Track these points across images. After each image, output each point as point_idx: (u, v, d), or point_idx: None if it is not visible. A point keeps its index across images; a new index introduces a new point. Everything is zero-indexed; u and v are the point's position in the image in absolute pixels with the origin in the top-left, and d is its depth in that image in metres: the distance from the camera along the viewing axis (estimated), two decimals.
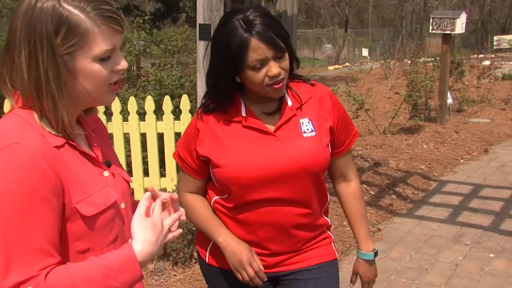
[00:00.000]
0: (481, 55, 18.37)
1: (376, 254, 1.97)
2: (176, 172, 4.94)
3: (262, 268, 1.75)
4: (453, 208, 5.37)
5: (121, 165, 1.43)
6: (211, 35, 1.80)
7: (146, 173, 5.29)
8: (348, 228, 4.48)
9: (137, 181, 5.26)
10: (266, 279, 1.76)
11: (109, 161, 1.34)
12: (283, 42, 1.64)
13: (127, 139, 5.27)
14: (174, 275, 3.80)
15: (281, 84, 1.68)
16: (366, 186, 5.78)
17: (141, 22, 6.36)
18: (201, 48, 3.99)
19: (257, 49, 1.61)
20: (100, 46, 1.18)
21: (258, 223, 1.77)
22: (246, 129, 1.74)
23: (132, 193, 1.44)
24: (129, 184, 1.42)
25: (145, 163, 5.27)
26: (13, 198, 1.09)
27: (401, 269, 4.07)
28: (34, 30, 1.14)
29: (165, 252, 3.87)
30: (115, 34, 1.21)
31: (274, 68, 1.63)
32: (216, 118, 1.76)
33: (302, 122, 1.76)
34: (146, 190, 1.34)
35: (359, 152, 7.07)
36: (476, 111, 10.25)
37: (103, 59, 1.20)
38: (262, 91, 1.69)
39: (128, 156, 5.32)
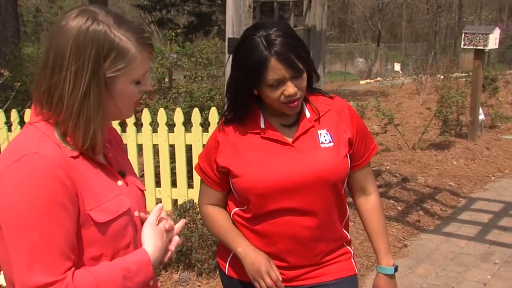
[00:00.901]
0: None
1: (396, 269, 1.96)
2: None
3: (280, 278, 1.76)
4: (482, 225, 5.29)
5: (135, 174, 1.50)
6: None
7: (174, 184, 5.36)
8: None
9: (165, 191, 5.35)
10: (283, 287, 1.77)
11: (123, 171, 1.41)
12: (302, 63, 1.68)
13: (156, 150, 5.36)
14: (199, 286, 3.84)
15: (296, 103, 1.72)
16: (393, 201, 5.74)
17: (174, 35, 6.48)
18: (230, 61, 4.05)
19: (276, 69, 1.64)
20: (140, 71, 1.29)
21: (277, 234, 1.79)
22: (264, 140, 1.77)
23: (160, 202, 1.55)
24: (143, 193, 1.48)
25: (173, 174, 5.35)
26: (33, 204, 1.16)
27: (426, 286, 4.03)
28: (85, 51, 1.22)
29: (190, 263, 3.92)
30: (149, 59, 1.32)
31: (290, 88, 1.67)
32: (236, 130, 1.81)
33: (320, 134, 1.79)
34: (160, 201, 1.43)
35: (387, 167, 7.03)
36: (509, 127, 10.06)
37: (137, 82, 1.30)
38: (277, 107, 1.74)
39: (157, 167, 5.41)
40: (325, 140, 1.78)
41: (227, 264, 1.95)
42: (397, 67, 20.80)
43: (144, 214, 1.45)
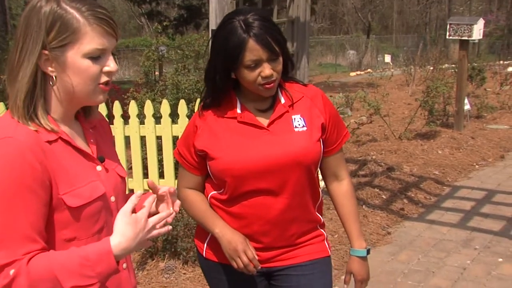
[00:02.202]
0: (506, 62, 18.18)
1: (368, 251, 2.02)
2: None
3: (256, 256, 1.83)
4: (464, 213, 5.40)
5: (118, 160, 1.54)
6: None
7: (162, 175, 5.42)
8: None
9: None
10: (260, 267, 1.84)
11: (103, 157, 1.44)
12: (278, 46, 1.76)
13: (143, 142, 5.41)
14: (184, 273, 3.91)
15: (272, 84, 1.79)
16: (378, 190, 5.84)
17: (159, 28, 6.52)
18: None
19: (253, 50, 1.73)
20: (91, 44, 1.30)
21: (251, 216, 1.86)
22: (241, 124, 1.85)
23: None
24: (123, 179, 1.51)
25: (161, 165, 5.40)
26: (1, 186, 1.21)
27: (408, 272, 4.12)
28: (31, 24, 1.27)
29: (176, 251, 4.00)
30: (106, 35, 1.32)
31: (267, 70, 1.75)
32: (214, 115, 1.88)
33: (294, 118, 1.86)
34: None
35: (373, 157, 7.12)
36: (495, 117, 10.20)
37: (93, 58, 1.31)
38: (254, 90, 1.81)
39: (144, 158, 5.46)
40: (299, 125, 1.85)
41: (205, 246, 2.01)
42: (388, 58, 20.89)
43: (122, 200, 1.48)
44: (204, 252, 2.01)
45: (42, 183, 1.26)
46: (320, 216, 2.01)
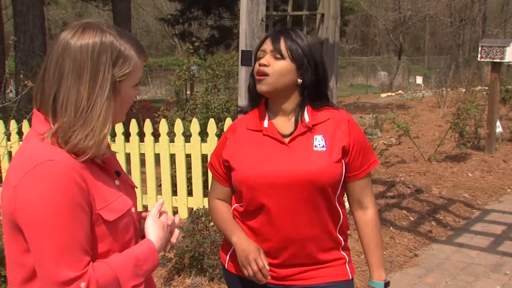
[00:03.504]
0: None
1: (387, 284, 1.99)
2: None
3: (268, 267, 1.85)
4: (494, 237, 5.30)
5: (125, 172, 1.64)
6: (252, 61, 2.07)
7: (190, 193, 5.50)
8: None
9: (182, 200, 5.48)
10: (269, 277, 1.86)
11: (119, 171, 1.54)
12: (289, 52, 1.86)
13: (173, 159, 5.51)
14: None
15: (261, 77, 1.87)
16: (406, 212, 5.79)
17: (190, 48, 6.66)
18: (243, 73, 4.17)
19: (265, 43, 1.90)
20: (138, 75, 1.45)
21: (267, 231, 1.89)
22: (264, 138, 1.91)
23: (176, 211, 1.69)
24: (134, 189, 1.61)
25: (189, 183, 5.48)
26: (57, 207, 1.29)
27: None
28: (100, 61, 1.36)
29: (202, 268, 4.04)
30: (143, 65, 1.48)
31: (263, 59, 1.88)
32: (243, 128, 1.97)
33: (316, 138, 1.89)
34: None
35: (402, 178, 7.08)
36: None
37: (135, 86, 1.46)
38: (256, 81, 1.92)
39: (174, 176, 5.55)
40: (319, 144, 1.87)
41: (227, 257, 2.05)
42: (419, 80, 20.75)
43: (136, 210, 1.59)
44: (226, 263, 2.06)
45: (87, 199, 1.34)
46: (342, 239, 1.99)
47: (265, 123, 1.93)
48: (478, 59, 8.52)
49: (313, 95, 1.91)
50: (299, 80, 1.88)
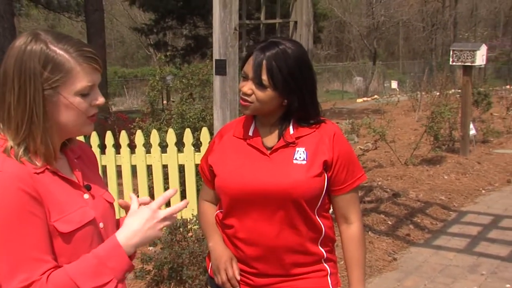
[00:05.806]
0: None
1: None
2: (196, 203, 5.09)
3: (238, 277, 1.87)
4: (471, 238, 5.37)
5: (105, 187, 1.59)
6: (226, 70, 2.03)
7: (168, 203, 5.45)
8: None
9: None
10: (237, 287, 1.88)
11: (89, 185, 1.49)
12: (269, 78, 1.77)
13: (150, 171, 5.47)
14: None
15: (245, 103, 1.83)
16: (383, 216, 5.83)
17: (163, 58, 6.65)
18: (218, 82, 4.16)
19: (248, 62, 1.81)
20: (82, 82, 1.37)
21: (244, 240, 1.89)
22: (247, 146, 1.91)
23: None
24: (111, 205, 1.57)
25: None
26: (5, 217, 1.27)
27: None
28: (24, 67, 1.32)
29: (181, 279, 4.00)
30: (94, 72, 1.40)
31: (246, 87, 1.82)
32: (230, 135, 1.97)
33: (298, 151, 1.86)
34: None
35: (379, 183, 7.13)
36: (501, 142, 10.19)
37: (83, 94, 1.38)
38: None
39: (151, 187, 5.51)
40: (300, 157, 1.84)
41: (211, 264, 2.03)
42: (394, 84, 20.99)
43: (113, 226, 1.54)
44: (209, 269, 2.06)
45: (40, 207, 1.31)
46: (324, 251, 1.95)
47: (251, 131, 1.92)
48: (450, 63, 8.65)
49: (299, 111, 1.87)
50: (285, 101, 1.84)
